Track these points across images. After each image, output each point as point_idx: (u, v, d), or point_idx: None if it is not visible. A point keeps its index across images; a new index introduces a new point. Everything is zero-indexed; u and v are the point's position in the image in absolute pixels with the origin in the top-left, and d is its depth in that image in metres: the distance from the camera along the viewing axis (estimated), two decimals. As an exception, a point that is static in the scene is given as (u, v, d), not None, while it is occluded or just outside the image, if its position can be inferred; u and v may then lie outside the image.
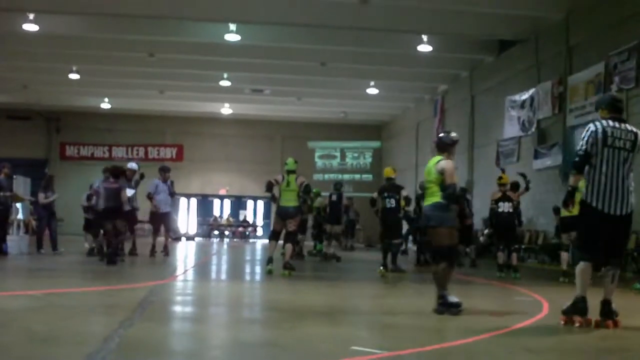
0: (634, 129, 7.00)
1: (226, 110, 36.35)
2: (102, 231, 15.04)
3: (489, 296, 10.83)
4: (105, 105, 35.01)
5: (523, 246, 20.76)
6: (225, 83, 28.81)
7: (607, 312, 6.98)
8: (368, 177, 37.80)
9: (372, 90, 29.70)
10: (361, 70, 27.34)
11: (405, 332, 6.68)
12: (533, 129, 21.07)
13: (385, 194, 13.91)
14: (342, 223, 18.95)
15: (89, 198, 16.82)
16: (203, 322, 7.23)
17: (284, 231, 13.20)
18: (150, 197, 16.91)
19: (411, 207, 14.44)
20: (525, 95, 21.52)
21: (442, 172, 7.77)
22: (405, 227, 24.43)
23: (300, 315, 7.60)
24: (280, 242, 13.71)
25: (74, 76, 27.68)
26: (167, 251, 17.27)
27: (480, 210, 24.35)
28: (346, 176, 38.41)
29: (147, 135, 37.71)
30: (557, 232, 18.34)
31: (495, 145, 23.53)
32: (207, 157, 38.15)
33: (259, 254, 22.03)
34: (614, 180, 6.84)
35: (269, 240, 14.04)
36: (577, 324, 6.86)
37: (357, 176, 37.26)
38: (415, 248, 23.01)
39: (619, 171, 6.86)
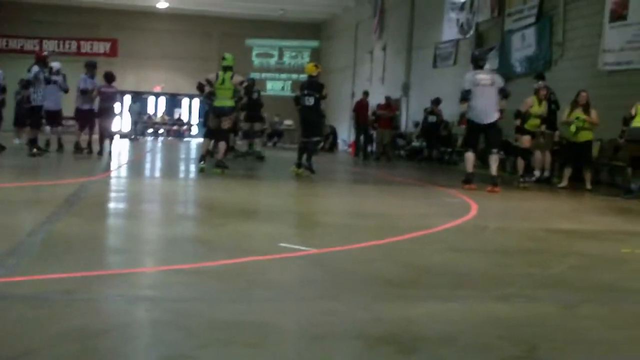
0: (492, 74, 12.14)
1: (162, 4, 35.36)
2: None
3: (419, 197, 10.99)
4: (35, -5, 33.72)
5: (455, 149, 21.03)
6: (161, -25, 27.92)
7: (494, 183, 11.31)
8: (305, 77, 37.49)
9: (312, -12, 29.16)
10: (301, -35, 26.74)
11: (333, 230, 6.77)
12: (471, 32, 21.05)
13: (305, 92, 13.46)
14: (262, 121, 18.60)
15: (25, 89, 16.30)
16: (133, 218, 7.19)
17: None
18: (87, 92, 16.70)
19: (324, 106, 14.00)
20: (465, -3, 21.42)
21: None
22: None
23: (231, 212, 7.62)
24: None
25: (1, -37, 26.47)
26: (90, 148, 16.79)
27: (413, 114, 24.57)
28: (283, 75, 38.11)
29: (79, 28, 36.44)
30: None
31: (433, 48, 23.48)
32: (142, 53, 37.21)
33: (193, 153, 21.91)
34: (483, 104, 11.42)
35: (203, 138, 13.93)
36: (466, 188, 11.32)
37: (295, 76, 36.89)
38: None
39: (486, 98, 11.41)
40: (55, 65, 16.71)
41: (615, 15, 14.45)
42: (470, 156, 11.72)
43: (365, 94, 23.85)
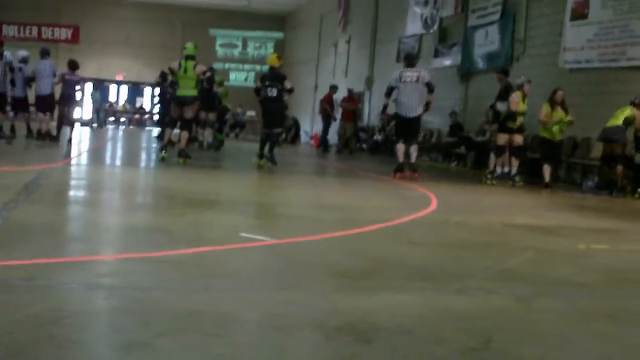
0: (419, 71, 12.83)
1: (125, -9, 35.08)
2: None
3: (380, 190, 11.05)
4: (-4, -22, 33.16)
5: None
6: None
7: (413, 170, 12.55)
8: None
9: (277, -22, 29.05)
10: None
11: (293, 221, 6.78)
12: (435, 27, 21.17)
13: (267, 83, 13.30)
14: (216, 111, 18.37)
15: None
16: (93, 206, 7.13)
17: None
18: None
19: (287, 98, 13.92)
20: (429, -8, 21.50)
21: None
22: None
23: (192, 202, 7.60)
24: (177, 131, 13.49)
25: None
26: (52, 135, 16.75)
27: (376, 108, 24.62)
28: (247, 66, 37.99)
29: (41, 13, 35.93)
30: (451, 131, 18.81)
31: (397, 42, 23.56)
32: (105, 40, 36.84)
33: (154, 142, 21.75)
34: (407, 99, 12.51)
35: (165, 127, 13.85)
36: (398, 176, 12.38)
37: (258, 67, 36.81)
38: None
39: (410, 94, 12.48)
40: (22, 53, 17.08)
41: (576, 14, 14.64)
42: (400, 147, 12.84)
43: (334, 87, 23.83)
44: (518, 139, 12.87)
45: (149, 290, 3.73)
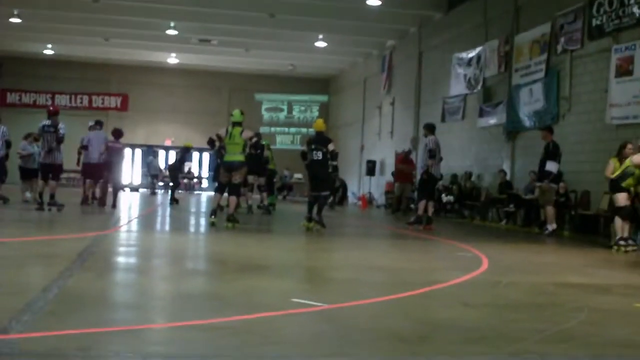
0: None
1: (173, 60, 35.86)
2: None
3: (430, 251, 10.99)
4: (48, 51, 34.22)
5: (468, 202, 20.90)
6: (172, 32, 28.35)
7: (430, 222, 14.81)
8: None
9: (321, 44, 29.54)
10: (310, 22, 27.15)
11: (344, 285, 6.76)
12: (479, 87, 21.24)
13: (313, 146, 13.49)
14: (264, 175, 18.65)
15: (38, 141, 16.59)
16: (145, 274, 7.21)
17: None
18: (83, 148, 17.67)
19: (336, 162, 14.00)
20: (472, 53, 21.64)
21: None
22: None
23: (242, 267, 7.63)
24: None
25: (15, 20, 26.90)
26: (104, 202, 17.18)
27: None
28: (292, 129, 38.39)
29: (91, 83, 36.99)
30: (500, 189, 18.70)
31: (441, 103, 23.67)
32: (153, 107, 37.66)
33: (203, 206, 21.97)
34: (438, 163, 14.86)
35: (214, 192, 14.00)
36: (421, 228, 14.43)
37: (304, 130, 37.19)
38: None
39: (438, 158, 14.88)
40: (91, 123, 18.38)
41: (621, 70, 14.59)
42: (424, 203, 14.92)
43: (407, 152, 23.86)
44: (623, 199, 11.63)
45: (204, 358, 3.75)
